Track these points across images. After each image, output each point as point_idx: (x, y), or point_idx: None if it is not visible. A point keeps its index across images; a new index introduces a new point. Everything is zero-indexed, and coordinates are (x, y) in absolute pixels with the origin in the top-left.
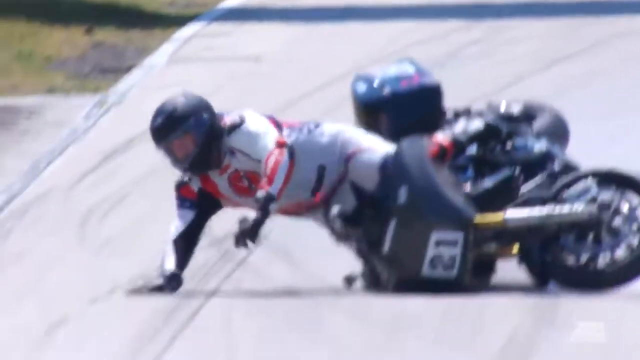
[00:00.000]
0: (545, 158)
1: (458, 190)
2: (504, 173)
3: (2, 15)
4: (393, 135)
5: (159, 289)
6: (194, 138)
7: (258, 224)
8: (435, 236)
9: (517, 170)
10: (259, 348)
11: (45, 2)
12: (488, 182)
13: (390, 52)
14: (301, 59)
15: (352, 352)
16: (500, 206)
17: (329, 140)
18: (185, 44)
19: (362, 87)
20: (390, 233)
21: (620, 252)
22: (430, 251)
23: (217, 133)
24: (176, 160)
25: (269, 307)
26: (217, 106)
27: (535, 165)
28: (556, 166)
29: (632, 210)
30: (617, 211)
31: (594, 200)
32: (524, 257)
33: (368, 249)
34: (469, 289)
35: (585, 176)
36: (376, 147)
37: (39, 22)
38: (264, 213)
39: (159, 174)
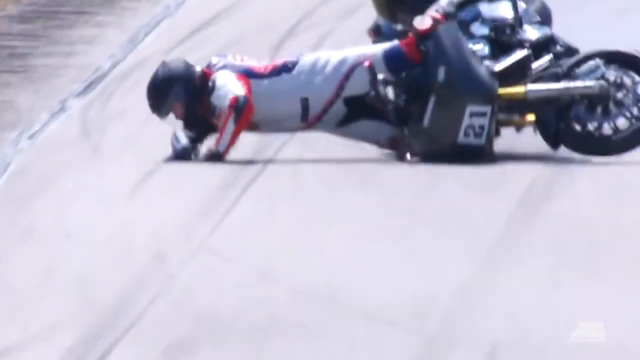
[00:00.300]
0: (549, 41)
1: (484, 67)
2: (520, 52)
3: None
4: (410, 18)
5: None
6: (182, 103)
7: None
8: (469, 109)
9: (530, 51)
10: (322, 195)
11: None
12: (507, 60)
13: None
14: None
15: (398, 194)
16: (515, 81)
17: (308, 73)
18: None
19: None
20: (430, 107)
21: (623, 122)
22: (465, 121)
23: (200, 92)
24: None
25: (331, 159)
26: None
27: (540, 47)
28: (559, 48)
29: (634, 85)
30: (621, 86)
31: (602, 77)
32: (540, 125)
33: (405, 120)
34: (490, 157)
35: (593, 56)
36: (368, 51)
37: None
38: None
39: (241, 44)
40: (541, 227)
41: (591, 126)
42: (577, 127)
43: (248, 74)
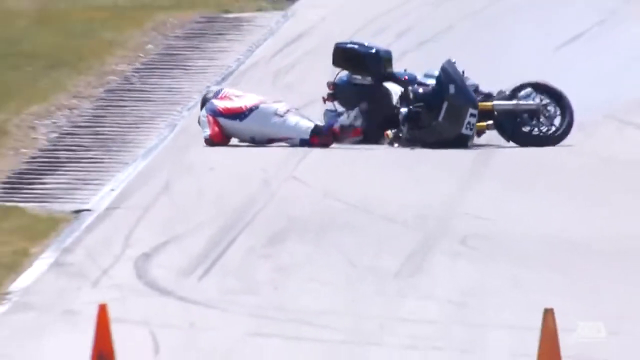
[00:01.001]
0: (476, 87)
1: None
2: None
3: None
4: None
5: None
6: None
7: None
8: (470, 111)
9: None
10: (358, 146)
11: None
12: None
13: None
14: None
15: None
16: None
17: (254, 125)
18: None
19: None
20: (444, 109)
21: (546, 128)
22: (466, 119)
23: None
24: None
25: None
26: None
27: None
28: (481, 92)
29: (552, 104)
30: (545, 105)
31: (534, 98)
32: (498, 128)
33: (422, 118)
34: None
35: (526, 86)
36: (297, 131)
37: None
38: None
39: (315, 53)
40: (494, 164)
41: (527, 129)
42: (522, 129)
43: (215, 114)
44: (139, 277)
